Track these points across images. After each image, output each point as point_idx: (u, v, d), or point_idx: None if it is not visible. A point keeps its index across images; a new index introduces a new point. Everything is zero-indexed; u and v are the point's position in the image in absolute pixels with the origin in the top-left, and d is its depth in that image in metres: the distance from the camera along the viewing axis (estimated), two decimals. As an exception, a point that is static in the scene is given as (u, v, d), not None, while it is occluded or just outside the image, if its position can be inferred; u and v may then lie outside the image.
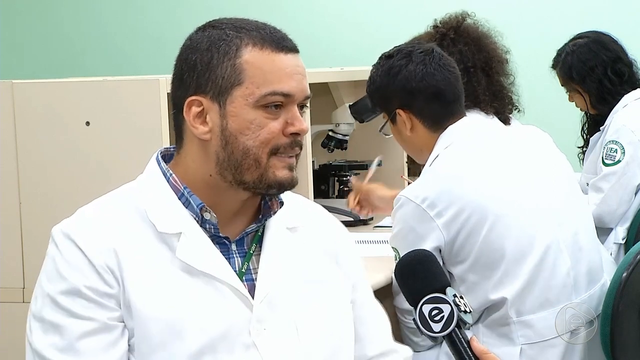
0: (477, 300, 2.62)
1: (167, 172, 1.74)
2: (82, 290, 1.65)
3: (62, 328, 1.64)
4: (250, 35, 1.69)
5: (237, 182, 1.69)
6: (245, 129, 1.67)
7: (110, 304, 1.66)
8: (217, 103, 1.68)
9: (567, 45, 4.07)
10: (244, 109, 1.67)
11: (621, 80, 3.97)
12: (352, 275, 1.86)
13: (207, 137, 1.69)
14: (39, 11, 6.23)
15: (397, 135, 2.84)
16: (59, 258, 1.68)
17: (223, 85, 1.67)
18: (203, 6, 5.73)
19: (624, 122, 3.86)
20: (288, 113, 1.69)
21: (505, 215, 2.63)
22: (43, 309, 1.67)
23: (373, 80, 2.81)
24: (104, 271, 1.66)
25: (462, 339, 1.59)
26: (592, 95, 4.00)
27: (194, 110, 1.69)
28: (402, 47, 2.84)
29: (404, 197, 2.67)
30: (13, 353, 2.73)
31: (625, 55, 4.03)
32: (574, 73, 4.00)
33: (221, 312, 1.68)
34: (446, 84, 2.74)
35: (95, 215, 1.72)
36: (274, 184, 1.70)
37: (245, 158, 1.68)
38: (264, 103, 1.67)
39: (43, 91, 2.75)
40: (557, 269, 2.66)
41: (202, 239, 1.70)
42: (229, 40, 1.69)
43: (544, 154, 2.85)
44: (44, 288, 1.68)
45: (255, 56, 1.68)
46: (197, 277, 1.68)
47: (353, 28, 5.67)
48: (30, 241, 2.74)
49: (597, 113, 4.03)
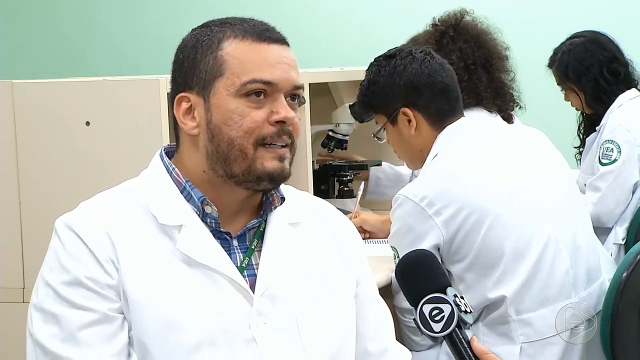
0: (475, 298, 2.62)
1: (170, 167, 1.75)
2: (83, 281, 1.65)
3: (62, 318, 1.64)
4: (233, 29, 1.71)
5: (228, 175, 1.69)
6: (228, 119, 1.67)
7: (110, 295, 1.66)
8: (202, 97, 1.69)
9: (563, 44, 4.08)
10: (226, 100, 1.68)
11: (617, 79, 3.99)
12: (356, 270, 1.86)
13: (195, 132, 1.70)
14: (39, 11, 6.23)
15: (397, 137, 2.82)
16: (61, 250, 1.68)
17: (206, 78, 1.69)
18: (203, 6, 5.73)
19: (619, 121, 3.88)
20: (273, 102, 1.69)
21: (504, 214, 2.63)
22: (44, 300, 1.67)
23: (374, 81, 2.80)
24: (105, 262, 1.66)
25: (463, 339, 1.59)
26: (587, 95, 4.01)
27: (183, 107, 1.71)
28: (401, 48, 2.85)
29: (403, 196, 2.67)
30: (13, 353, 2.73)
31: (621, 55, 4.04)
32: (570, 72, 4.01)
33: (220, 306, 1.67)
34: (450, 80, 2.75)
35: (97, 207, 1.73)
36: (263, 175, 1.69)
37: (230, 149, 1.68)
38: (244, 92, 1.67)
39: (43, 91, 2.75)
40: (556, 267, 2.67)
41: (203, 232, 1.71)
42: (212, 35, 1.71)
43: (544, 154, 2.86)
44: (45, 279, 1.68)
45: (236, 47, 1.69)
46: (197, 269, 1.68)
47: (353, 28, 5.67)
48: (30, 241, 2.74)
49: (593, 112, 4.05)
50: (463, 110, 2.83)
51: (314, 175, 3.61)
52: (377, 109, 2.84)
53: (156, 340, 1.65)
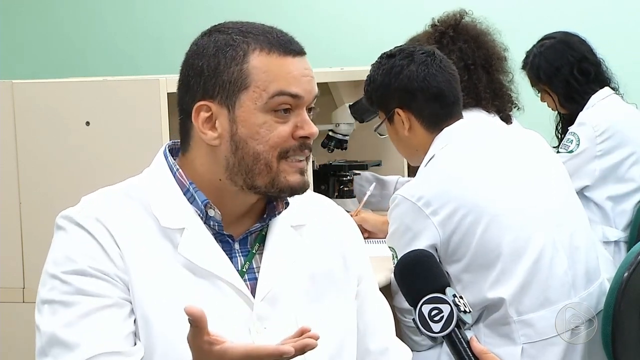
0: (474, 299, 2.62)
1: (174, 167, 1.74)
2: (91, 271, 1.64)
3: (72, 305, 1.62)
4: (257, 40, 1.68)
5: (249, 186, 1.69)
6: (255, 134, 1.67)
7: (119, 284, 1.65)
8: (225, 108, 1.67)
9: (534, 46, 4.14)
10: (253, 114, 1.67)
11: (588, 79, 4.03)
12: (358, 268, 1.85)
13: (216, 143, 1.69)
14: (39, 11, 6.23)
15: (394, 135, 2.84)
16: (66, 242, 1.67)
17: (230, 89, 1.67)
18: (203, 6, 5.73)
19: (588, 119, 3.94)
20: (297, 117, 1.69)
21: (501, 215, 2.63)
22: (52, 292, 1.64)
23: (373, 79, 2.81)
24: (112, 253, 1.65)
25: (462, 339, 1.59)
26: (560, 95, 4.07)
27: (203, 116, 1.69)
28: (404, 47, 2.85)
29: (400, 196, 2.68)
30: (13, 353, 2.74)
31: (592, 54, 4.08)
32: (541, 74, 4.07)
33: (221, 310, 1.66)
34: (447, 85, 2.74)
35: (100, 202, 1.72)
36: (286, 188, 1.70)
37: (256, 163, 1.67)
38: (272, 106, 1.67)
39: (43, 91, 2.75)
40: (555, 268, 2.67)
41: (205, 235, 1.70)
42: (236, 46, 1.68)
43: (541, 154, 2.86)
44: (50, 272, 1.66)
45: (262, 60, 1.67)
46: (198, 273, 1.68)
47: (353, 28, 5.67)
48: (30, 241, 2.74)
49: (567, 112, 4.11)
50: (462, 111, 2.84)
51: (314, 175, 3.61)
52: (377, 105, 2.86)
53: (158, 343, 1.64)
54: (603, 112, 3.96)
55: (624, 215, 3.95)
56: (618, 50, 4.82)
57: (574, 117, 4.01)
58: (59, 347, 1.61)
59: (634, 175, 3.95)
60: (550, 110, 4.22)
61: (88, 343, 1.60)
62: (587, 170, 3.91)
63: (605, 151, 3.91)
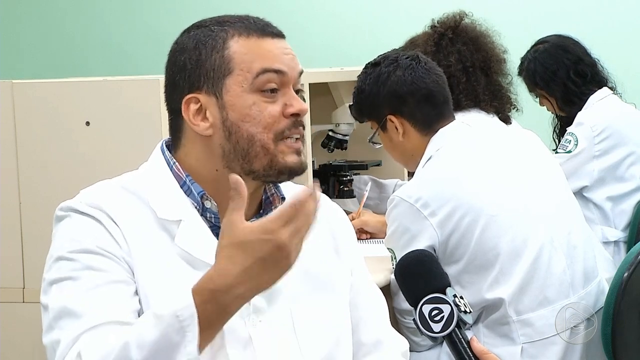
0: (473, 299, 2.63)
1: (171, 161, 1.75)
2: (98, 250, 1.64)
3: (80, 278, 1.62)
4: (234, 27, 1.71)
5: (246, 172, 1.70)
6: (246, 116, 1.68)
7: (125, 265, 1.65)
8: (213, 96, 1.69)
9: (528, 52, 4.14)
10: (240, 96, 1.68)
11: (585, 80, 4.03)
12: (350, 261, 1.86)
13: (209, 133, 1.70)
14: (39, 11, 6.23)
15: (388, 142, 2.84)
16: (70, 228, 1.67)
17: (215, 76, 1.69)
18: (203, 6, 5.73)
19: (586, 119, 3.93)
20: (285, 95, 1.70)
21: (498, 215, 2.64)
22: (59, 271, 1.64)
23: (361, 89, 2.83)
24: (116, 236, 1.65)
25: (462, 339, 1.59)
26: (558, 99, 4.07)
27: (192, 108, 1.70)
28: (388, 54, 2.86)
29: (398, 198, 2.68)
30: (13, 353, 2.74)
31: (587, 55, 4.08)
32: (537, 79, 4.07)
33: None
34: (435, 86, 2.76)
35: (99, 193, 1.72)
36: (284, 169, 1.70)
37: (251, 146, 1.68)
38: (258, 85, 1.68)
39: (43, 91, 2.76)
40: (553, 267, 2.68)
41: (201, 227, 1.71)
42: (215, 35, 1.71)
43: (539, 155, 2.87)
44: (57, 255, 1.65)
45: (242, 44, 1.70)
46: (195, 264, 1.68)
47: (353, 28, 5.67)
48: (30, 241, 2.74)
49: (566, 115, 4.09)
50: (459, 111, 2.84)
51: (314, 175, 3.61)
52: (367, 115, 2.86)
53: None
54: (601, 112, 3.96)
55: (623, 215, 3.95)
56: (618, 50, 4.83)
57: (572, 118, 4.01)
58: (66, 317, 1.60)
59: (633, 174, 3.95)
60: (548, 112, 4.22)
61: (95, 312, 1.59)
62: (586, 170, 3.91)
63: (603, 151, 3.91)
